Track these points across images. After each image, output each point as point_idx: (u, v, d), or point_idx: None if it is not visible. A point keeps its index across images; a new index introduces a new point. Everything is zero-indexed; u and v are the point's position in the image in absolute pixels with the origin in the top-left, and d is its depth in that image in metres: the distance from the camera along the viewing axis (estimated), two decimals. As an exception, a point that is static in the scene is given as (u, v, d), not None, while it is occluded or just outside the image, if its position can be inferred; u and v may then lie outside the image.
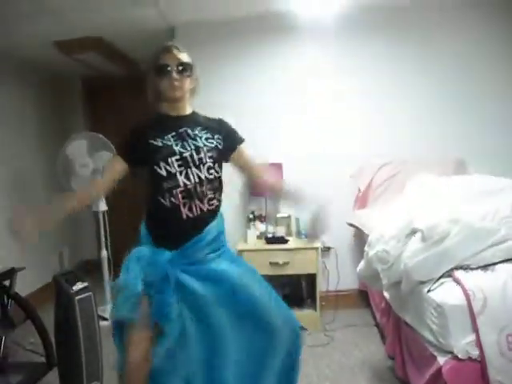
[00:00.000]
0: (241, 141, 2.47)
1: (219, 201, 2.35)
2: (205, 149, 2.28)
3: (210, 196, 2.26)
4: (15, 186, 5.19)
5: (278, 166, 4.37)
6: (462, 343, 2.28)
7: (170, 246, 2.24)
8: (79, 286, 3.03)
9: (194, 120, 2.39)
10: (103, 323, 3.61)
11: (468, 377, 2.27)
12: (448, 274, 2.50)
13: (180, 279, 2.18)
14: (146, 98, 2.39)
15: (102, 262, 4.78)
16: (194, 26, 4.49)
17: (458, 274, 2.47)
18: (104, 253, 4.76)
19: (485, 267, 2.53)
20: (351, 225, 4.27)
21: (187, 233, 2.23)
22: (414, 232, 2.70)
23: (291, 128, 4.59)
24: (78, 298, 2.98)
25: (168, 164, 2.22)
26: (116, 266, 4.79)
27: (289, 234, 4.45)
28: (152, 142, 2.27)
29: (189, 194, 2.21)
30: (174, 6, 4.13)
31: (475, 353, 2.26)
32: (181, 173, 2.22)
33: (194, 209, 2.23)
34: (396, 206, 3.27)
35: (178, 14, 4.30)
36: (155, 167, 2.23)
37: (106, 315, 4.58)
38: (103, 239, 4.78)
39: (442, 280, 2.48)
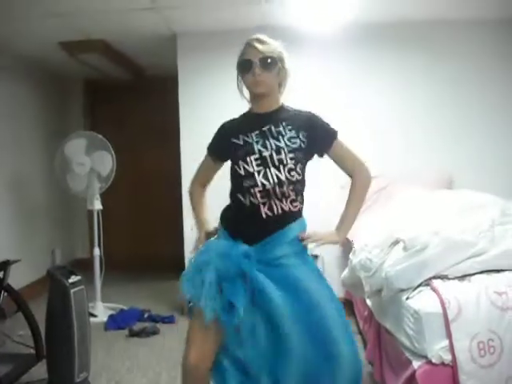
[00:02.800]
0: (334, 135, 2.34)
1: (302, 203, 2.27)
2: (286, 149, 2.17)
3: (292, 197, 2.18)
4: (15, 184, 5.29)
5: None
6: (436, 348, 2.38)
7: (248, 240, 2.15)
8: (74, 278, 3.13)
9: (280, 116, 2.28)
10: (91, 319, 3.70)
11: (440, 381, 2.36)
12: (426, 282, 2.59)
13: (256, 279, 2.07)
14: (147, 101, 2.49)
15: (94, 259, 4.85)
16: (195, 33, 4.61)
17: (436, 283, 2.57)
18: (96, 250, 4.84)
19: (462, 278, 2.62)
20: (339, 234, 4.36)
21: (267, 230, 2.15)
22: (396, 242, 2.81)
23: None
24: (73, 290, 3.08)
25: (246, 163, 2.16)
26: (107, 264, 4.89)
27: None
28: (234, 140, 2.24)
29: (268, 194, 2.14)
30: (177, 14, 4.24)
31: (448, 358, 2.36)
32: (259, 172, 2.15)
33: (275, 208, 2.15)
34: (381, 217, 3.37)
35: (181, 21, 4.42)
36: (235, 166, 2.20)
37: (95, 312, 4.66)
38: (96, 237, 4.86)
39: (420, 288, 2.58)
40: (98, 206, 4.80)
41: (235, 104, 2.34)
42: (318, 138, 2.29)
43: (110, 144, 4.70)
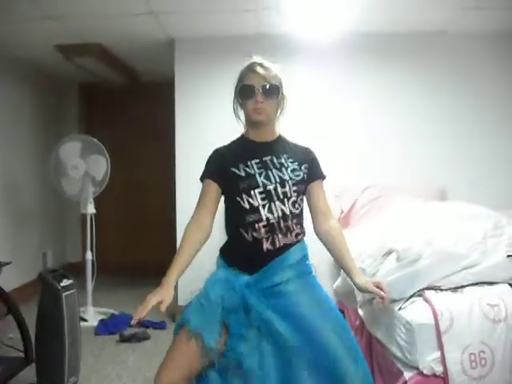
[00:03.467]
0: (321, 176, 2.31)
1: (304, 234, 2.22)
2: (290, 182, 2.12)
3: (296, 231, 2.14)
4: (8, 186, 5.27)
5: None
6: (428, 359, 2.38)
7: (246, 270, 2.09)
8: (66, 282, 3.11)
9: (280, 147, 2.22)
10: (82, 324, 3.67)
11: (431, 392, 2.37)
12: (419, 293, 2.60)
13: (261, 311, 2.00)
14: (143, 106, 2.46)
15: (86, 263, 4.82)
16: (192, 39, 4.62)
17: (429, 294, 2.57)
18: (89, 254, 4.82)
19: (454, 289, 2.62)
20: (332, 243, 4.37)
21: (267, 261, 2.08)
22: (389, 252, 2.81)
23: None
24: (64, 293, 3.07)
25: (251, 196, 2.08)
26: (99, 269, 4.87)
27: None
28: (234, 170, 2.13)
29: (272, 229, 2.07)
30: (174, 20, 4.26)
31: (439, 369, 2.36)
32: (264, 206, 2.07)
33: (277, 242, 2.08)
34: (374, 227, 3.37)
35: (178, 27, 4.42)
36: (238, 198, 2.10)
37: (86, 316, 4.64)
38: (89, 241, 4.84)
39: (412, 299, 2.58)
40: (91, 209, 4.78)
41: (232, 112, 2.31)
42: (313, 172, 2.26)
43: (104, 148, 4.69)
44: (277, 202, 2.08)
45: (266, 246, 2.07)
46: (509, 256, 2.77)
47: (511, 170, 4.64)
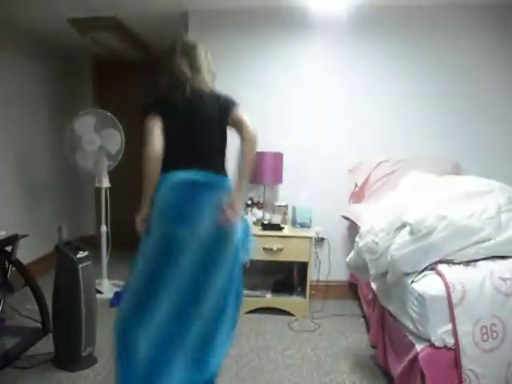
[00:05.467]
0: None
1: None
2: None
3: None
4: (23, 159, 5.31)
5: (278, 156, 4.48)
6: (439, 332, 2.40)
7: None
8: (81, 254, 3.16)
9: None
10: (98, 296, 3.73)
11: (442, 364, 2.39)
12: (432, 267, 2.61)
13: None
14: (153, 80, 2.52)
15: (101, 236, 4.87)
16: (207, 12, 4.59)
17: (441, 267, 2.58)
18: (104, 227, 4.86)
19: (467, 263, 2.64)
20: (346, 218, 4.39)
21: None
22: (403, 226, 2.80)
23: (294, 120, 4.70)
24: (80, 265, 3.12)
25: None
26: (114, 242, 4.92)
27: (284, 222, 4.56)
28: None
29: None
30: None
31: (451, 341, 2.38)
32: None
33: None
34: (388, 200, 3.37)
35: (193, -1, 4.39)
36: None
37: (102, 289, 4.70)
38: (104, 215, 4.88)
39: (425, 272, 2.59)
40: (106, 183, 4.81)
41: (246, 82, 2.33)
42: None
43: (118, 121, 4.70)
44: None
45: None
46: (522, 230, 2.77)
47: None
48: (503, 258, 2.68)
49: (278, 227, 4.36)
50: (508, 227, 2.81)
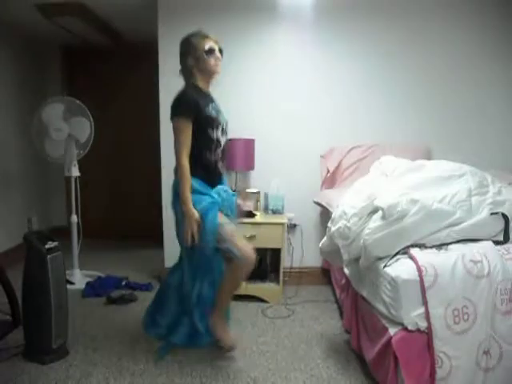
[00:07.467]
0: None
1: None
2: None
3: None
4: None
5: (250, 142, 4.46)
6: (412, 315, 2.41)
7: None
8: (51, 244, 3.10)
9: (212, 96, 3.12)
10: (69, 287, 3.68)
11: (415, 347, 2.40)
12: (404, 251, 2.62)
13: None
14: (126, 67, 2.50)
15: (71, 226, 4.80)
16: (175, -2, 4.52)
17: (414, 251, 2.59)
18: (74, 218, 4.78)
19: (439, 246, 2.65)
20: (318, 203, 4.39)
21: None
22: (375, 210, 2.81)
23: (265, 106, 4.66)
24: (49, 256, 3.06)
25: (218, 131, 3.04)
26: (85, 232, 4.86)
27: (257, 208, 4.54)
28: (207, 109, 2.95)
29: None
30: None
31: (423, 325, 2.40)
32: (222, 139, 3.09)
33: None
34: (360, 185, 3.37)
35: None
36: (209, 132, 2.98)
37: (73, 279, 4.65)
38: (74, 205, 4.80)
39: (397, 256, 2.60)
40: (75, 172, 4.73)
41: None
42: None
43: (88, 110, 4.62)
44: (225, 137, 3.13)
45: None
46: (492, 214, 2.79)
47: (497, 129, 4.65)
48: (474, 240, 2.70)
49: (250, 214, 4.34)
50: (478, 210, 2.83)
